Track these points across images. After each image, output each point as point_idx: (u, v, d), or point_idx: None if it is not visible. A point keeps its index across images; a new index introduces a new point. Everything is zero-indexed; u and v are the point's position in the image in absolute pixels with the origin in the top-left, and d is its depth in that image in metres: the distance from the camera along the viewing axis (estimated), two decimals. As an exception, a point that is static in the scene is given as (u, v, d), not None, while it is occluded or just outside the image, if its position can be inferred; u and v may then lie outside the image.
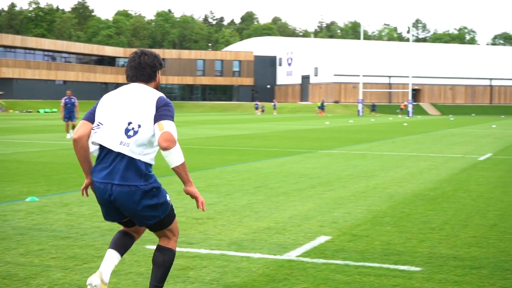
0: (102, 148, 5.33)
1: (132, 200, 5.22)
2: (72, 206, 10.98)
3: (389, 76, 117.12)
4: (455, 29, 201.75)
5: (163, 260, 5.48)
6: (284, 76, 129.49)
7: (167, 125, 5.18)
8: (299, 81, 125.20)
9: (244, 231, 9.10)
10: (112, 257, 5.53)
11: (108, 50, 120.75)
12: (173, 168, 5.24)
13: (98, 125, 5.31)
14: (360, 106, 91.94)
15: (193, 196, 5.50)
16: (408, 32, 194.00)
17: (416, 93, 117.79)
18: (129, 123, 5.25)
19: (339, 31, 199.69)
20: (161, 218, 5.39)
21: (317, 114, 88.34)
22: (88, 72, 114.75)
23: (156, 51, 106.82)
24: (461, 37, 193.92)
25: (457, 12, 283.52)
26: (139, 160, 5.23)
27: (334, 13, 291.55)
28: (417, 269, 7.17)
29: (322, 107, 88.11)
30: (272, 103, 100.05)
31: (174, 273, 6.90)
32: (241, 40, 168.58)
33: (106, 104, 5.39)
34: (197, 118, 63.55)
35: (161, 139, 5.12)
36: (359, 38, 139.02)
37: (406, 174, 16.29)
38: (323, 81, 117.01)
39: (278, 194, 12.62)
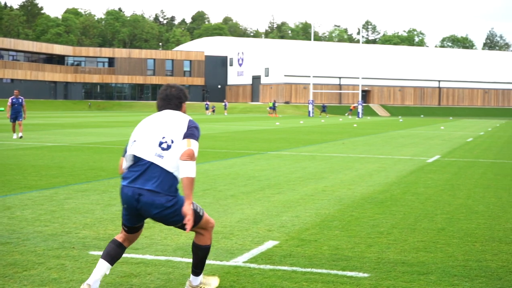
0: (136, 159, 5.97)
1: (157, 206, 5.86)
2: (15, 210, 10.69)
3: (339, 77, 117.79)
4: (404, 31, 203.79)
5: (197, 254, 6.26)
6: (235, 76, 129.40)
7: (193, 144, 5.91)
8: (250, 81, 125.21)
9: (191, 235, 8.92)
10: (102, 268, 6.04)
11: (57, 49, 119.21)
12: (182, 179, 5.80)
13: (133, 142, 6.04)
14: (310, 107, 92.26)
15: (184, 213, 5.86)
16: (358, 33, 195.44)
17: (366, 94, 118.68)
18: (163, 137, 5.92)
19: (290, 31, 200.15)
20: (183, 218, 5.90)
21: (269, 114, 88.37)
22: (36, 71, 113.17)
23: (106, 50, 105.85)
24: (410, 39, 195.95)
25: (407, 15, 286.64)
26: (169, 172, 5.87)
27: (285, 13, 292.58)
28: (365, 275, 7.09)
29: (274, 108, 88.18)
30: (223, 103, 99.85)
31: (117, 281, 6.72)
32: (192, 39, 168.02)
33: (141, 126, 6.14)
34: (147, 118, 62.98)
35: (184, 153, 5.81)
36: (309, 39, 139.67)
37: (355, 177, 16.27)
38: (274, 81, 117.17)
39: (226, 197, 12.47)
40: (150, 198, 5.85)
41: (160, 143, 5.90)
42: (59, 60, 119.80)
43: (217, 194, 12.84)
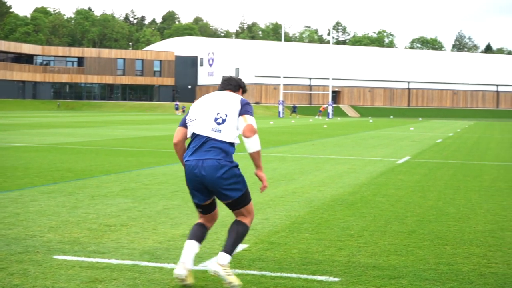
0: (194, 135, 6.63)
1: (218, 172, 6.44)
2: (-22, 212, 10.44)
3: (310, 78, 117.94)
4: (374, 32, 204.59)
5: (237, 229, 6.62)
6: (205, 77, 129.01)
7: (250, 119, 6.62)
8: (220, 81, 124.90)
9: (159, 239, 8.77)
10: (192, 246, 6.63)
11: (26, 48, 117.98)
12: (250, 153, 6.68)
13: (193, 120, 6.67)
14: (280, 108, 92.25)
15: (260, 179, 6.87)
16: (328, 34, 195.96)
17: (336, 95, 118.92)
18: (217, 113, 6.60)
19: (260, 32, 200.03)
20: (243, 192, 6.65)
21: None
22: (4, 70, 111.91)
23: (75, 50, 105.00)
24: (380, 40, 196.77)
25: (377, 16, 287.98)
26: (226, 142, 6.54)
27: (255, 14, 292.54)
28: (336, 279, 6.97)
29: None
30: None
31: (81, 287, 6.55)
32: (162, 39, 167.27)
33: (198, 104, 6.77)
34: (116, 118, 62.61)
35: (245, 129, 6.53)
36: (280, 40, 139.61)
37: (325, 178, 16.18)
38: (244, 82, 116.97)
39: (196, 199, 12.30)
40: (212, 164, 6.47)
41: (216, 119, 6.57)
42: (27, 59, 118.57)
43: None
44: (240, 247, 8.35)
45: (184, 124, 6.81)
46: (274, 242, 8.68)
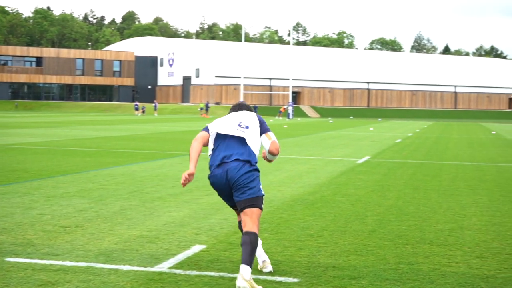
0: (219, 142, 6.97)
1: (241, 170, 6.73)
2: None
3: (270, 79, 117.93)
4: (334, 33, 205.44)
5: (250, 240, 6.53)
6: (166, 77, 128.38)
7: (273, 136, 7.14)
8: (180, 82, 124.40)
9: (115, 240, 8.57)
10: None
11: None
12: (266, 159, 7.30)
13: (214, 132, 7.02)
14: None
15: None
16: (288, 35, 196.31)
17: (296, 96, 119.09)
18: (240, 122, 7.02)
19: (221, 32, 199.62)
20: (261, 194, 6.81)
21: (201, 115, 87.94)
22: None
23: (34, 49, 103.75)
24: (340, 41, 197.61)
25: (337, 17, 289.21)
26: (248, 146, 6.90)
27: (216, 14, 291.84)
28: (295, 280, 6.86)
29: (206, 108, 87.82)
30: (153, 104, 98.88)
31: (33, 290, 6.33)
32: (122, 39, 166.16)
33: (218, 121, 7.09)
34: (75, 119, 61.95)
35: (272, 146, 7.06)
36: (240, 40, 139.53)
37: (285, 178, 16.08)
38: (204, 82, 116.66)
39: (153, 199, 12.12)
40: (237, 164, 6.79)
41: (239, 125, 6.99)
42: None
43: (144, 196, 12.47)
44: (198, 247, 8.20)
45: (206, 130, 7.16)
46: (233, 243, 8.53)
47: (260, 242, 7.10)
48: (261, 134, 7.07)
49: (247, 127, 6.98)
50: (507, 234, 9.55)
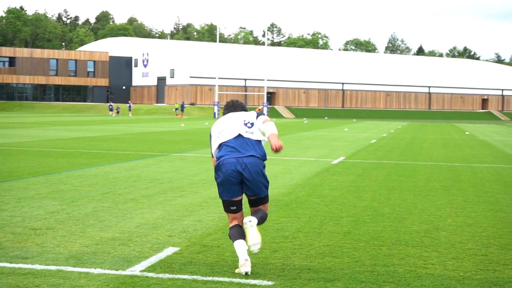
0: (227, 140, 7.43)
1: (257, 167, 7.30)
2: None
3: (245, 79, 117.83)
4: (309, 34, 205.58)
5: (263, 211, 7.41)
6: (140, 77, 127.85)
7: (262, 115, 7.76)
8: (155, 82, 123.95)
9: (86, 242, 8.41)
10: (243, 244, 7.13)
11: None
12: (270, 134, 7.59)
13: (220, 133, 7.54)
14: (216, 109, 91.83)
15: (278, 145, 7.54)
16: (263, 36, 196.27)
17: (271, 96, 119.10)
18: (244, 120, 7.58)
19: (195, 33, 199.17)
20: (267, 191, 7.45)
21: (176, 116, 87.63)
22: None
23: (7, 49, 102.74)
24: (314, 42, 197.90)
25: (311, 18, 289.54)
26: (259, 141, 7.51)
27: (190, 15, 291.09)
28: (270, 283, 6.75)
29: (182, 109, 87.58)
30: (127, 105, 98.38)
31: (1, 294, 6.17)
32: (96, 40, 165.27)
33: (220, 123, 7.66)
34: (48, 119, 61.43)
35: (263, 120, 7.65)
36: (215, 41, 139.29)
37: (260, 179, 15.94)
38: (179, 83, 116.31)
39: (126, 200, 11.96)
40: (254, 161, 7.32)
41: (245, 124, 7.55)
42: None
43: (117, 197, 12.30)
44: (171, 250, 8.07)
45: (212, 148, 7.67)
46: (206, 245, 8.41)
47: (245, 244, 7.20)
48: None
49: (252, 125, 7.61)
50: (482, 235, 9.51)
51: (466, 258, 8.06)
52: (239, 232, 7.23)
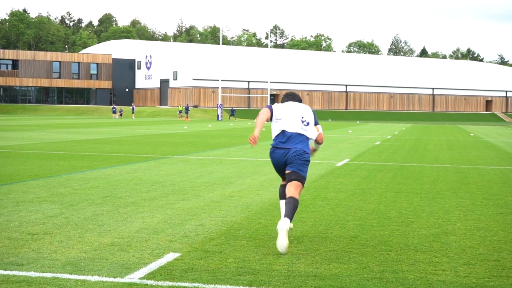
0: (282, 131, 8.84)
1: (299, 156, 8.74)
2: None
3: (248, 81, 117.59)
4: (312, 36, 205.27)
5: (293, 201, 8.43)
6: (143, 80, 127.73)
7: (320, 128, 9.24)
8: (158, 85, 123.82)
9: (84, 248, 8.13)
10: (283, 204, 8.73)
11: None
12: (314, 146, 9.38)
13: (278, 119, 8.91)
14: (219, 111, 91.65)
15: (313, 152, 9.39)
16: (266, 38, 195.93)
17: (275, 98, 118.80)
18: (302, 117, 8.91)
19: (198, 35, 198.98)
20: (305, 176, 8.91)
21: (180, 118, 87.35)
22: None
23: (10, 52, 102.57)
24: (317, 44, 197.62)
25: (314, 20, 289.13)
26: (308, 138, 8.93)
27: (193, 17, 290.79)
28: (274, 291, 6.45)
29: (186, 111, 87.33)
30: (131, 107, 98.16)
31: (-8, 304, 5.89)
32: (99, 42, 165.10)
33: (280, 108, 8.99)
34: (51, 122, 61.22)
35: (319, 137, 9.23)
36: (218, 43, 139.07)
37: (264, 181, 15.69)
38: (182, 85, 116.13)
39: (127, 204, 11.67)
40: (298, 149, 8.76)
41: (302, 121, 8.88)
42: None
43: (117, 201, 12.03)
44: (171, 256, 7.78)
45: (269, 108, 9.00)
46: (208, 250, 8.12)
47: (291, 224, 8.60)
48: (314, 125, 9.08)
49: (308, 124, 8.91)
50: (493, 239, 9.22)
51: (478, 263, 7.77)
52: (282, 193, 9.01)
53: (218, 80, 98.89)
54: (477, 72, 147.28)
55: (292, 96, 9.24)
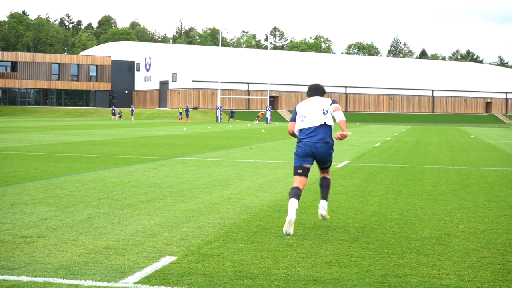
0: (310, 125, 9.73)
1: (327, 149, 9.73)
2: None
3: (248, 83, 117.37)
4: (311, 37, 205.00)
5: (327, 183, 10.02)
6: (142, 82, 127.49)
7: (336, 103, 9.91)
8: (157, 86, 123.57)
9: (78, 251, 7.93)
10: (295, 203, 9.28)
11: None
12: (339, 120, 9.78)
13: (303, 117, 9.84)
14: (218, 113, 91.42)
15: (344, 135, 9.86)
16: (266, 39, 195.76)
17: (274, 100, 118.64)
18: (323, 109, 9.80)
19: (198, 37, 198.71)
20: (332, 159, 10.05)
21: (179, 120, 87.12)
22: None
23: (9, 54, 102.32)
24: (317, 45, 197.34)
25: (314, 21, 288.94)
26: (330, 126, 9.79)
27: (193, 19, 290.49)
28: (273, 296, 6.24)
29: (187, 113, 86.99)
30: (130, 109, 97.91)
31: (-19, 310, 5.68)
32: (98, 44, 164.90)
33: (303, 107, 9.94)
34: (49, 124, 61.00)
35: (335, 108, 9.83)
36: (218, 45, 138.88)
37: (262, 183, 15.49)
38: (181, 87, 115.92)
39: (123, 206, 11.46)
40: (324, 143, 9.68)
41: (323, 113, 9.78)
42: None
43: (114, 203, 11.82)
44: (168, 259, 7.57)
45: (294, 119, 9.96)
46: (206, 254, 7.91)
47: (297, 205, 9.33)
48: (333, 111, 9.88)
49: (327, 112, 9.78)
50: (498, 242, 9.01)
51: (482, 267, 7.56)
52: (294, 192, 9.44)
53: (218, 82, 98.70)
54: (477, 73, 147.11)
55: (315, 90, 10.19)
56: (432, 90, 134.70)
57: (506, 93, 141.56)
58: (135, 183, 14.87)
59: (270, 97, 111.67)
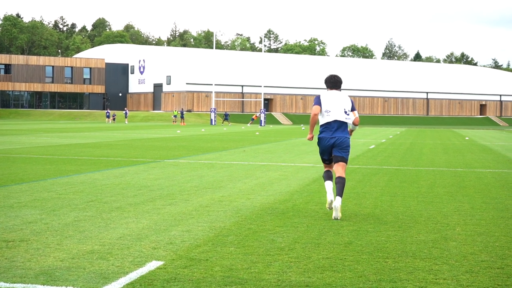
0: (332, 121, 10.90)
1: (345, 142, 10.91)
2: None
3: (242, 86, 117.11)
4: (306, 40, 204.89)
5: (342, 181, 10.65)
6: (136, 84, 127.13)
7: (356, 113, 11.19)
8: (151, 89, 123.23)
9: (61, 256, 7.62)
10: (331, 184, 10.80)
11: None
12: (352, 128, 11.31)
13: (327, 112, 10.91)
14: (213, 115, 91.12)
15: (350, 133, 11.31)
16: (260, 42, 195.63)
17: (269, 103, 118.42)
18: (345, 109, 10.94)
19: (192, 40, 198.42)
20: (348, 157, 11.03)
21: (174, 123, 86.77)
22: None
23: (2, 56, 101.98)
24: (311, 48, 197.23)
25: (308, 24, 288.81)
26: (347, 124, 11.04)
27: (187, 22, 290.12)
28: (262, 302, 5.96)
29: (182, 116, 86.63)
30: (124, 112, 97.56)
31: (-47, 319, 5.38)
32: (92, 47, 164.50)
33: (327, 100, 10.96)
34: (42, 126, 60.60)
35: (355, 120, 11.21)
36: (212, 47, 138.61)
37: (255, 185, 15.19)
38: (176, 89, 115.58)
39: (111, 209, 11.16)
40: (343, 137, 10.91)
41: (345, 112, 10.94)
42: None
43: (102, 206, 11.51)
44: (154, 264, 7.28)
45: (318, 103, 10.96)
46: (194, 258, 7.62)
47: (332, 185, 10.82)
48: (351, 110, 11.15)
49: (348, 112, 10.96)
50: (496, 245, 8.74)
51: (480, 271, 7.28)
52: (327, 175, 10.95)
53: (212, 84, 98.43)
54: (471, 76, 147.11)
55: (334, 83, 11.15)
56: (427, 93, 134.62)
57: (500, 95, 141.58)
58: (125, 186, 14.57)
59: (265, 99, 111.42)
